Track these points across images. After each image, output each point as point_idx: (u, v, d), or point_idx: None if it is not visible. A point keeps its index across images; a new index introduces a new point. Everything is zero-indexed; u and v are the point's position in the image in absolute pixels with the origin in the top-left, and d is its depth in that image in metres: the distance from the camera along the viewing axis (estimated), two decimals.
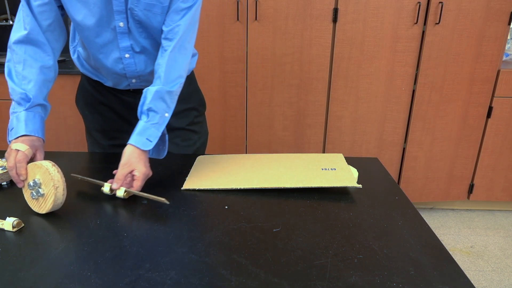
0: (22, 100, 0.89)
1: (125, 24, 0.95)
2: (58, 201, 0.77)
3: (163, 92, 0.92)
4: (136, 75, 1.04)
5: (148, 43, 1.00)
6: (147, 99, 0.91)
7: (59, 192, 0.77)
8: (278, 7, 1.86)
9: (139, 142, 0.88)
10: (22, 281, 0.60)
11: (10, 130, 0.87)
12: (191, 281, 0.60)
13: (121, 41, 0.98)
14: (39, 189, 0.77)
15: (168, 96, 0.94)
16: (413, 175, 2.20)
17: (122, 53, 0.99)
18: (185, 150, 1.20)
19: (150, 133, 0.90)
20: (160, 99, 0.92)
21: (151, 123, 0.91)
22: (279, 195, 0.87)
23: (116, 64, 1.01)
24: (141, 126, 0.90)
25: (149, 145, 0.89)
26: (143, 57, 1.02)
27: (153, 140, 0.90)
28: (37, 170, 0.79)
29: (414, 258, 0.66)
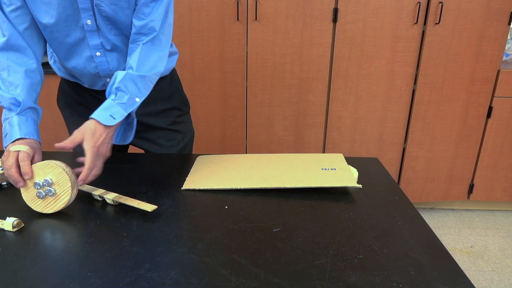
0: (12, 105, 0.88)
1: (93, 22, 0.94)
2: (71, 201, 0.79)
3: (134, 76, 0.90)
4: (109, 73, 1.03)
5: (119, 40, 0.99)
6: (117, 79, 0.89)
7: (74, 193, 0.78)
8: (278, 7, 1.86)
9: (101, 116, 0.85)
10: (22, 281, 0.60)
11: (5, 136, 0.87)
12: (191, 281, 0.60)
13: (90, 40, 0.96)
14: (51, 188, 0.77)
15: (140, 80, 0.91)
16: (413, 175, 2.20)
17: (93, 52, 0.98)
18: (169, 150, 1.20)
19: (115, 110, 0.87)
20: (131, 81, 0.90)
21: (118, 102, 0.88)
22: (279, 195, 0.87)
23: (88, 63, 1.00)
24: (107, 103, 0.88)
25: (111, 122, 0.86)
26: (115, 55, 1.01)
27: (117, 118, 0.87)
28: (49, 170, 0.78)
29: (414, 258, 0.66)
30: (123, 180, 0.93)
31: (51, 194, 0.78)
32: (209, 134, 2.10)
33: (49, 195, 0.78)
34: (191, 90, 2.00)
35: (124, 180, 0.93)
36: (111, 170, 0.99)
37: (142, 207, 0.77)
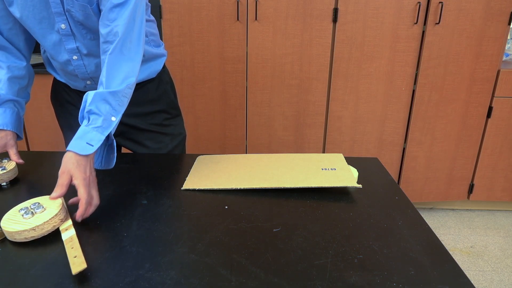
0: None
1: (67, 26, 0.93)
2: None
3: (105, 94, 0.82)
4: (87, 76, 1.03)
5: (95, 45, 0.98)
6: (87, 102, 0.81)
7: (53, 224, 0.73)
8: (278, 7, 1.86)
9: (77, 147, 0.78)
10: (22, 281, 0.60)
11: None
12: (191, 281, 0.60)
13: (66, 43, 0.96)
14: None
15: (112, 98, 0.83)
16: (413, 175, 2.20)
17: (70, 55, 0.98)
18: (155, 152, 1.19)
19: (91, 136, 0.80)
20: (103, 100, 0.82)
21: (92, 127, 0.80)
22: (279, 195, 0.87)
23: (67, 65, 1.01)
24: (81, 130, 0.80)
25: (89, 150, 0.78)
26: (93, 59, 1.00)
27: (95, 144, 0.79)
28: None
29: (414, 258, 0.66)
30: (123, 180, 0.93)
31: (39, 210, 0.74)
32: (209, 134, 2.10)
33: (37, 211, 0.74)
34: (191, 90, 2.00)
35: (124, 180, 0.93)
36: (111, 170, 0.99)
37: (72, 263, 0.62)
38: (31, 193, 0.87)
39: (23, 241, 0.70)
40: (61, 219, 0.74)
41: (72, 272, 0.60)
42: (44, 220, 0.71)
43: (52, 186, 0.90)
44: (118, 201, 0.84)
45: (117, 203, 0.83)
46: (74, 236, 0.70)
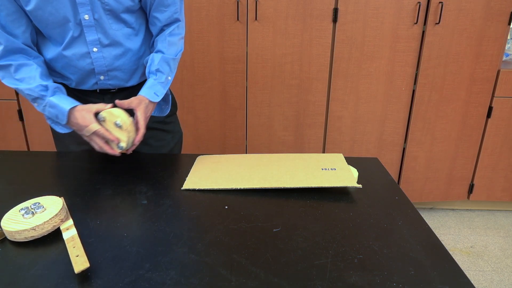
0: (42, 91, 0.94)
1: (91, 17, 0.94)
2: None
3: (168, 58, 1.04)
4: (105, 70, 1.03)
5: (118, 35, 1.00)
6: (155, 61, 1.02)
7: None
8: (278, 7, 1.86)
9: (148, 94, 0.99)
10: (22, 281, 0.60)
11: (56, 119, 0.96)
12: (191, 281, 0.60)
13: (88, 35, 0.97)
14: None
15: (172, 62, 1.06)
16: (413, 175, 2.20)
17: (90, 47, 0.99)
18: (158, 151, 1.20)
19: (157, 89, 1.02)
20: (166, 63, 1.04)
21: (158, 81, 1.02)
22: (279, 195, 0.87)
23: (84, 59, 1.00)
24: (150, 82, 1.01)
25: (156, 99, 1.01)
26: (112, 50, 1.01)
27: (160, 95, 1.02)
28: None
29: (414, 258, 0.66)
30: (123, 180, 0.93)
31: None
32: (209, 134, 2.10)
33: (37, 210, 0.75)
34: (191, 90, 2.00)
35: (124, 180, 0.93)
36: (111, 170, 0.99)
37: (74, 263, 0.63)
38: (31, 193, 0.87)
39: (23, 241, 0.70)
40: (61, 219, 0.74)
41: (75, 271, 0.60)
42: (44, 220, 0.71)
43: (52, 186, 0.90)
44: (118, 201, 0.84)
45: (117, 203, 0.83)
46: (76, 235, 0.70)
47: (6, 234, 0.70)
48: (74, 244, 0.67)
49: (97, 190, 0.89)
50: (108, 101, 1.07)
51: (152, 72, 1.03)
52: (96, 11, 0.94)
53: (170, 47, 1.05)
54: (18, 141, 2.05)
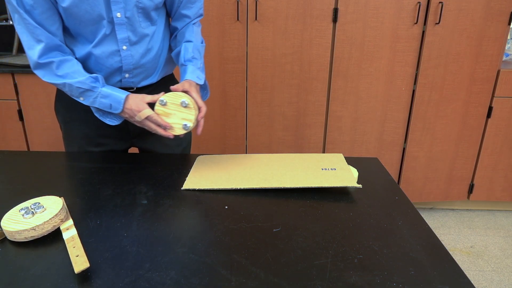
0: (93, 82, 0.97)
1: (123, 15, 0.95)
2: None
3: (198, 46, 1.11)
4: (131, 68, 1.04)
5: (146, 32, 1.02)
6: (189, 49, 1.08)
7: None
8: (278, 7, 1.86)
9: (193, 78, 1.04)
10: (22, 281, 0.60)
11: (109, 109, 0.99)
12: (191, 281, 0.60)
13: (119, 33, 0.98)
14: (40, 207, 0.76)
15: (202, 49, 1.13)
16: (413, 175, 2.20)
17: (120, 45, 1.00)
18: (173, 150, 1.21)
19: (198, 73, 1.06)
20: (197, 50, 1.10)
21: (196, 67, 1.07)
22: (279, 195, 0.87)
23: (112, 57, 1.01)
24: (190, 68, 1.06)
25: (200, 81, 1.06)
26: (138, 48, 1.03)
27: (201, 79, 1.07)
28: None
29: (414, 258, 0.66)
30: (123, 180, 0.93)
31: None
32: (209, 134, 2.10)
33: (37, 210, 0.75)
34: None
35: (124, 180, 0.93)
36: (111, 170, 0.99)
37: (74, 263, 0.63)
38: (31, 193, 0.87)
39: (23, 241, 0.70)
40: (61, 219, 0.74)
41: (75, 271, 0.60)
42: (44, 220, 0.71)
43: (52, 186, 0.90)
44: (118, 201, 0.84)
45: (117, 203, 0.83)
46: (76, 235, 0.70)
47: (6, 234, 0.70)
48: (74, 244, 0.67)
49: (97, 190, 0.89)
50: None
51: (188, 60, 1.08)
52: (128, 9, 0.96)
53: (197, 36, 1.12)
54: (18, 141, 2.05)
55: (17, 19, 0.91)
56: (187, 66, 1.07)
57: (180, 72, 1.10)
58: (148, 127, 0.99)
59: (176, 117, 0.97)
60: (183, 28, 1.11)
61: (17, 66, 1.93)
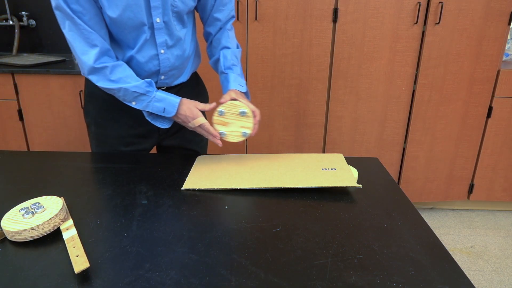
0: (147, 87, 0.99)
1: (161, 19, 0.98)
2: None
3: (236, 52, 1.14)
4: (167, 70, 1.07)
5: (179, 35, 1.04)
6: (227, 57, 1.11)
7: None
8: (278, 7, 1.86)
9: (236, 86, 1.06)
10: (22, 281, 0.60)
11: (162, 112, 1.01)
12: (191, 281, 0.60)
13: (158, 37, 1.00)
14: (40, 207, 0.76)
15: (239, 54, 1.15)
16: (413, 175, 2.20)
17: (159, 49, 1.02)
18: (197, 145, 1.25)
19: (239, 80, 1.09)
20: (235, 56, 1.13)
21: (237, 74, 1.10)
22: (279, 195, 0.87)
23: (151, 61, 1.04)
24: (232, 76, 1.09)
25: (243, 89, 1.08)
26: (174, 51, 1.06)
27: (243, 85, 1.09)
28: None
29: (414, 258, 0.66)
30: (123, 180, 0.93)
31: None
32: None
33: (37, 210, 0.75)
34: None
35: (124, 180, 0.93)
36: (111, 170, 0.99)
37: (74, 263, 0.63)
38: (31, 193, 0.87)
39: (23, 241, 0.70)
40: (61, 219, 0.74)
41: (75, 271, 0.60)
42: (44, 220, 0.71)
43: (52, 186, 0.90)
44: (118, 201, 0.84)
45: (117, 203, 0.83)
46: (76, 235, 0.70)
47: (6, 234, 0.70)
48: (74, 244, 0.67)
49: (97, 190, 0.89)
50: None
51: (228, 67, 1.10)
52: (166, 13, 0.98)
53: (233, 41, 1.14)
54: (18, 141, 2.05)
55: (69, 26, 0.92)
56: (228, 75, 1.09)
57: (221, 80, 1.12)
58: (199, 132, 1.03)
59: (234, 126, 1.00)
60: (217, 33, 1.13)
61: (17, 66, 1.93)
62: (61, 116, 2.00)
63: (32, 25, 2.30)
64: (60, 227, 0.73)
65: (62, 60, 2.12)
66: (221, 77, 1.12)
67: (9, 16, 2.25)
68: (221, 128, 1.01)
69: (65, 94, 1.95)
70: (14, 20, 2.25)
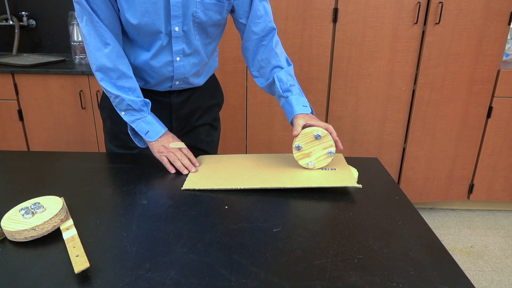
0: (143, 106, 1.00)
1: (180, 29, 0.98)
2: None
3: (290, 70, 1.08)
4: (182, 77, 1.07)
5: (200, 45, 1.04)
6: (283, 79, 1.06)
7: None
8: (278, 7, 1.86)
9: (301, 110, 1.02)
10: (22, 281, 0.60)
11: (145, 134, 1.00)
12: (191, 281, 0.60)
13: (175, 45, 1.00)
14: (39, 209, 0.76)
15: (292, 71, 1.09)
16: (413, 175, 2.20)
17: (174, 57, 1.02)
18: (207, 146, 1.25)
19: (301, 100, 1.04)
20: (290, 75, 1.07)
21: (297, 95, 1.05)
22: (279, 195, 0.87)
23: (166, 67, 1.04)
24: (294, 99, 1.04)
25: (308, 110, 1.03)
26: (191, 59, 1.05)
27: (307, 104, 1.04)
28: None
29: (414, 258, 0.66)
30: (123, 180, 0.93)
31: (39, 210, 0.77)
32: None
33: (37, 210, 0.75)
34: None
35: (124, 180, 0.93)
36: (111, 170, 0.99)
37: (74, 263, 0.63)
38: (31, 193, 0.87)
39: (23, 241, 0.70)
40: (61, 219, 0.74)
41: (75, 271, 0.60)
42: (44, 220, 0.71)
43: (52, 186, 0.90)
44: (118, 201, 0.84)
45: (117, 203, 0.83)
46: (76, 235, 0.70)
47: (6, 234, 0.70)
48: (74, 244, 0.67)
49: (97, 190, 0.89)
50: (174, 99, 1.13)
51: (287, 90, 1.05)
52: (186, 23, 0.97)
53: (282, 57, 1.09)
54: (18, 141, 2.05)
55: (86, 21, 0.93)
56: (289, 98, 1.04)
57: (281, 104, 1.08)
58: (172, 158, 1.00)
59: (317, 152, 0.96)
60: (263, 53, 1.09)
61: (17, 66, 1.93)
62: (61, 116, 2.00)
63: (32, 25, 2.30)
64: (60, 227, 0.73)
65: (62, 60, 2.12)
66: (281, 101, 1.08)
67: (9, 16, 2.25)
68: (307, 160, 0.97)
69: (65, 94, 1.95)
70: (14, 20, 2.25)
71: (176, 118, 1.16)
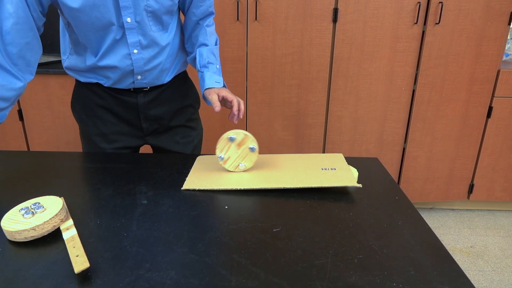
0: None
1: (133, 19, 0.96)
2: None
3: (212, 49, 1.12)
4: (142, 70, 1.06)
5: (158, 36, 1.03)
6: (203, 55, 1.11)
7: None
8: (278, 7, 1.86)
9: (211, 84, 1.07)
10: (22, 281, 0.60)
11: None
12: (191, 281, 0.60)
13: (129, 37, 0.99)
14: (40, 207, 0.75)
15: (216, 51, 1.14)
16: (413, 175, 2.20)
17: (131, 49, 1.01)
18: (184, 147, 1.23)
19: (215, 78, 1.09)
20: (212, 54, 1.12)
21: (212, 72, 1.10)
22: (279, 195, 0.87)
23: (124, 60, 1.02)
24: (207, 75, 1.09)
25: (219, 85, 1.08)
26: (150, 51, 1.04)
27: (220, 82, 1.09)
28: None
29: (414, 258, 0.66)
30: (123, 180, 0.93)
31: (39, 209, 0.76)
32: (209, 134, 2.10)
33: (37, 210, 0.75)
34: None
35: (124, 180, 0.93)
36: (111, 170, 0.99)
37: (74, 263, 0.63)
38: (31, 193, 0.87)
39: (23, 241, 0.70)
40: (61, 219, 0.74)
41: (75, 271, 0.60)
42: (45, 220, 0.71)
43: (52, 186, 0.90)
44: (118, 201, 0.84)
45: (117, 203, 0.83)
46: (76, 235, 0.70)
47: (6, 234, 0.70)
48: (74, 244, 0.67)
49: (97, 190, 0.89)
50: (141, 99, 1.12)
51: (204, 66, 1.10)
52: (138, 13, 0.97)
53: (211, 38, 1.13)
54: (18, 141, 2.05)
55: None
56: (204, 73, 1.10)
57: (199, 78, 1.12)
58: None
59: (239, 152, 0.95)
60: (195, 30, 1.13)
61: None
62: (61, 116, 2.00)
63: None
64: (60, 227, 0.73)
65: (61, 61, 2.12)
66: (199, 76, 1.12)
67: None
68: (235, 164, 0.96)
69: (64, 94, 1.95)
70: None
71: (145, 118, 1.16)
